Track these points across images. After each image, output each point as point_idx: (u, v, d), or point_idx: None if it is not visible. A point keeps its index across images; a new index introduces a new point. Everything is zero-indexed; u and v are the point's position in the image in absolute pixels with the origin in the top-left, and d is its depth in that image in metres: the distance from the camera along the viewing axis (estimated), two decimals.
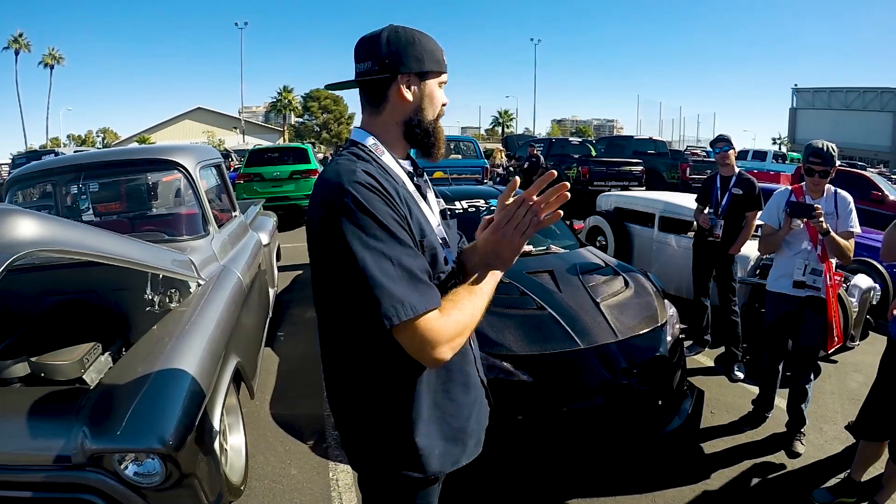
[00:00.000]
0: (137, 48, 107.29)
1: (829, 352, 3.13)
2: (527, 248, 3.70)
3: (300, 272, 6.66)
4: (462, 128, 56.66)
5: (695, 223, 4.84)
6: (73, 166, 3.24)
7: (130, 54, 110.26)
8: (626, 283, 3.24)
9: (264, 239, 4.40)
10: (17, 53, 43.58)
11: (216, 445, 2.08)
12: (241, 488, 2.47)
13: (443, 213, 1.34)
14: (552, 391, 2.54)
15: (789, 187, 3.01)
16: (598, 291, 3.09)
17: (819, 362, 3.93)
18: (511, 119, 55.50)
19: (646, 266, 5.37)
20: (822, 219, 2.64)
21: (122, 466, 1.77)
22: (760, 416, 3.17)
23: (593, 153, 12.75)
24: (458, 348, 1.10)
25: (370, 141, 1.20)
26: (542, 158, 11.85)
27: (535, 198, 1.11)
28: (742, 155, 20.17)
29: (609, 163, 10.37)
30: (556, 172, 1.19)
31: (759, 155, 20.68)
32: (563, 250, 3.77)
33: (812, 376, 2.93)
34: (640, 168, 10.22)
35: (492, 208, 4.26)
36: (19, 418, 1.86)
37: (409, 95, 1.16)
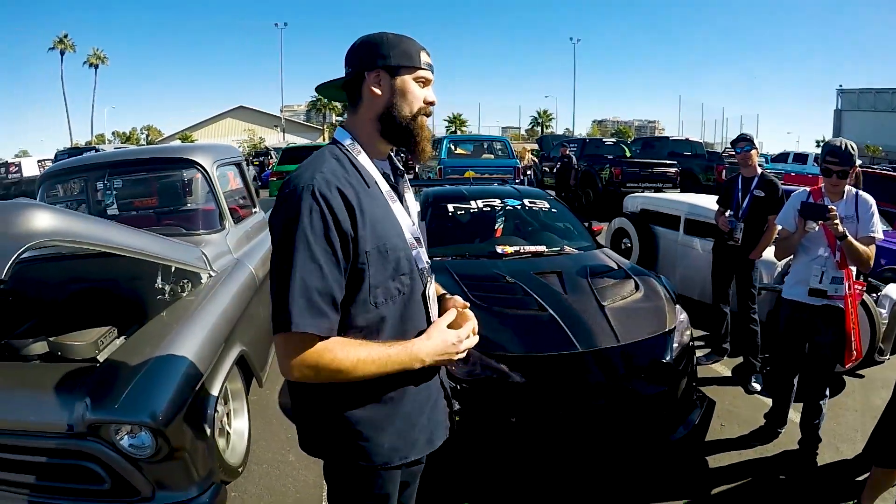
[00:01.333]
0: (180, 49, 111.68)
1: (847, 366, 2.97)
2: (539, 248, 3.71)
3: None
4: (502, 128, 56.48)
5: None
6: (98, 164, 3.47)
7: (174, 55, 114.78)
8: (637, 287, 3.17)
9: None
10: (62, 54, 45.55)
11: (210, 426, 2.19)
12: (240, 470, 2.59)
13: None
14: (547, 394, 2.51)
15: (808, 189, 2.88)
16: (605, 294, 3.03)
17: (844, 377, 3.74)
18: (550, 119, 55.00)
19: (670, 270, 5.26)
20: (836, 221, 2.48)
21: (119, 438, 1.92)
22: (772, 431, 3.03)
23: (627, 154, 12.48)
24: (312, 378, 1.15)
25: (347, 141, 1.27)
26: (574, 159, 11.73)
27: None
28: (783, 157, 19.32)
29: (642, 164, 10.17)
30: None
31: (800, 157, 19.64)
32: (576, 251, 3.72)
33: (828, 392, 2.78)
34: (674, 170, 9.97)
35: (507, 208, 4.27)
36: (35, 391, 2.06)
37: (378, 90, 1.22)
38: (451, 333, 1.26)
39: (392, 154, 1.35)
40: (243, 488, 2.57)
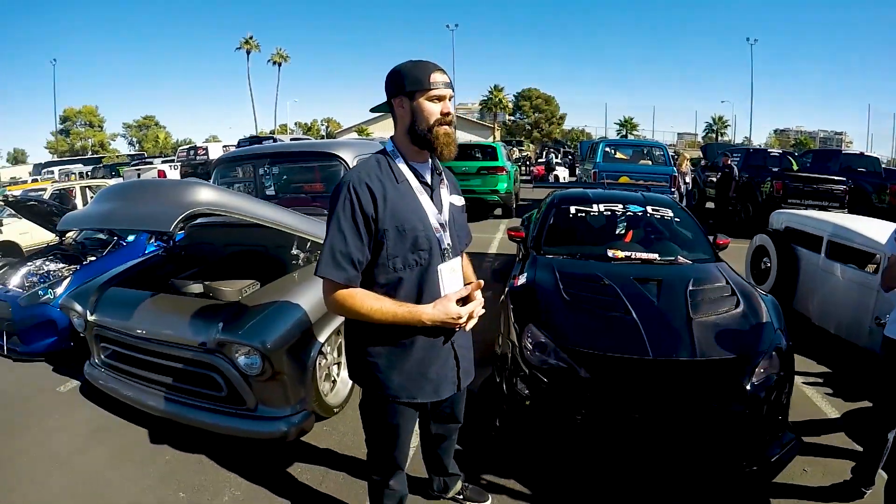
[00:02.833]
0: (359, 48, 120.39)
1: None
2: (651, 255, 3.71)
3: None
4: (678, 134, 52.92)
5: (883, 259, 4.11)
6: (260, 154, 4.26)
7: (352, 54, 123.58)
8: (737, 305, 3.00)
9: None
10: (248, 53, 50.50)
11: (311, 364, 2.77)
12: (335, 411, 3.14)
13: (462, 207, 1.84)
14: (611, 394, 2.53)
15: None
16: (700, 308, 2.95)
17: None
18: (726, 126, 50.02)
19: (808, 297, 4.78)
20: None
21: (237, 356, 2.56)
22: (856, 489, 2.63)
23: (794, 167, 11.09)
24: (345, 315, 1.64)
25: (390, 149, 1.71)
26: (735, 169, 10.79)
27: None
28: None
29: (807, 179, 9.02)
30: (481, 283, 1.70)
31: None
32: (689, 262, 3.63)
33: None
34: (842, 187, 8.70)
35: (629, 213, 4.29)
36: (185, 315, 2.80)
37: (401, 112, 1.63)
38: (453, 308, 1.60)
39: (432, 157, 1.72)
40: (334, 425, 3.11)
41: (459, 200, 1.82)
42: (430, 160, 1.72)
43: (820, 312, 4.60)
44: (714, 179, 12.10)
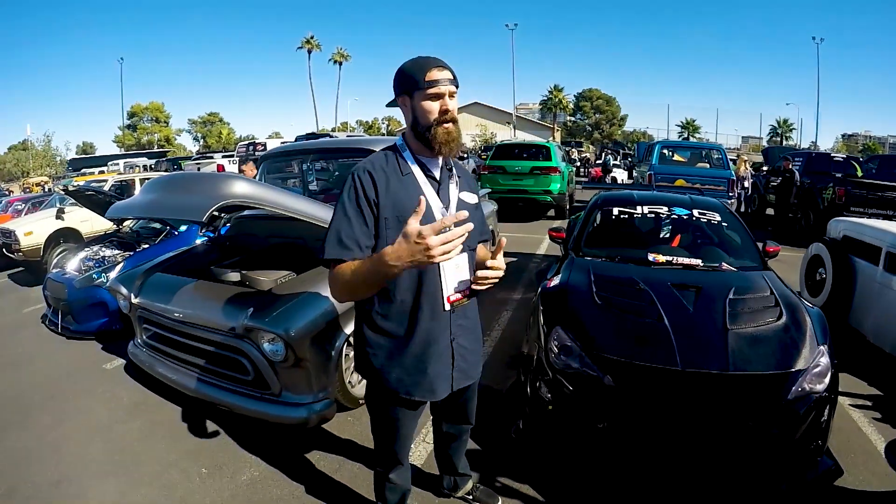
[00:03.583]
0: (419, 48, 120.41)
1: None
2: (694, 261, 3.55)
3: (514, 259, 7.22)
4: (742, 137, 50.94)
5: None
6: (303, 150, 4.41)
7: (413, 53, 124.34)
8: (779, 317, 2.82)
9: None
10: (309, 52, 51.01)
11: (336, 354, 2.83)
12: (361, 402, 3.17)
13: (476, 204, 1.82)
14: (636, 405, 2.42)
15: None
16: (738, 318, 2.78)
17: None
18: (791, 129, 47.66)
19: (864, 312, 4.46)
20: None
21: (263, 342, 2.65)
22: None
23: (858, 173, 10.41)
24: (343, 294, 1.57)
25: (399, 143, 1.73)
26: (796, 174, 10.24)
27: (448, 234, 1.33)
28: None
29: (871, 185, 8.44)
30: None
31: None
32: (734, 270, 3.46)
33: None
34: None
35: (673, 216, 4.14)
36: (219, 302, 2.91)
37: (405, 111, 1.66)
38: (411, 231, 1.32)
39: (444, 156, 1.69)
40: (359, 416, 3.16)
41: (472, 198, 1.79)
42: (440, 156, 1.70)
43: (876, 329, 4.29)
44: (775, 184, 11.54)
